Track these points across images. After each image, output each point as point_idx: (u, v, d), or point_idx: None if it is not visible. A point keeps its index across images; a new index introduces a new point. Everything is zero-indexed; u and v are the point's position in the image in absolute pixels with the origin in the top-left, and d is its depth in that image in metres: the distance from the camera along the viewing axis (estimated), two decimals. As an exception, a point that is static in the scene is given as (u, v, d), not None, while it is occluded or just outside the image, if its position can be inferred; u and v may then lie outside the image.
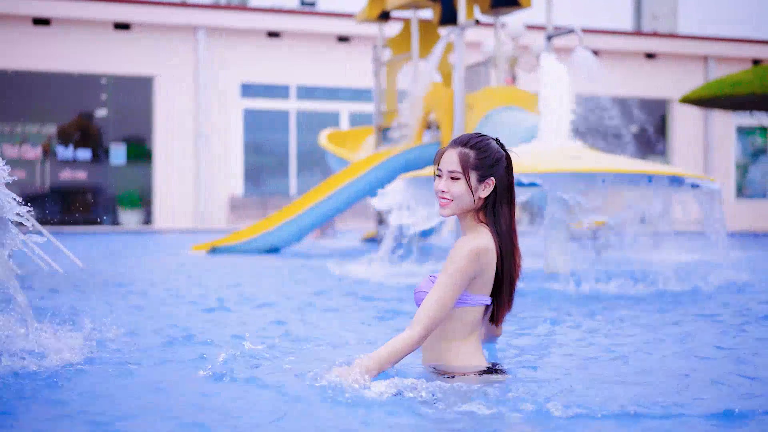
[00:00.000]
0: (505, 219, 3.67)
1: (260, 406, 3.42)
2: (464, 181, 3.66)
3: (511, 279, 3.68)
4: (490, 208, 3.68)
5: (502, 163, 3.68)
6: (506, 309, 3.73)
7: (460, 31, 13.04)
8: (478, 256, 3.57)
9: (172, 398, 3.57)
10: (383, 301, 7.20)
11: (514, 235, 3.69)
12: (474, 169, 3.66)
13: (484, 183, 3.66)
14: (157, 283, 9.00)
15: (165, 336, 5.18)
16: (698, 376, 3.96)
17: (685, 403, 3.43)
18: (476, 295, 3.64)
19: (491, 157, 3.67)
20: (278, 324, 5.82)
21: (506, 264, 3.65)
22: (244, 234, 13.99)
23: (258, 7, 24.36)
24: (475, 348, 3.69)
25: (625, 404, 3.37)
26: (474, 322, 3.67)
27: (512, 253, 3.66)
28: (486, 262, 3.60)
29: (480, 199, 3.68)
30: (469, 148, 3.69)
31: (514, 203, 3.70)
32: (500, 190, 3.67)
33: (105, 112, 23.33)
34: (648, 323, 5.86)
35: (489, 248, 3.61)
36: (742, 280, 8.73)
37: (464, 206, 3.70)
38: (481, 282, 3.62)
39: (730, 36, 27.94)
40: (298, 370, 3.92)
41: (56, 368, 3.94)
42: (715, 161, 27.03)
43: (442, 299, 3.56)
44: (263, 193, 23.98)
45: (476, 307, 3.65)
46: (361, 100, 24.43)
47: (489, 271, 3.62)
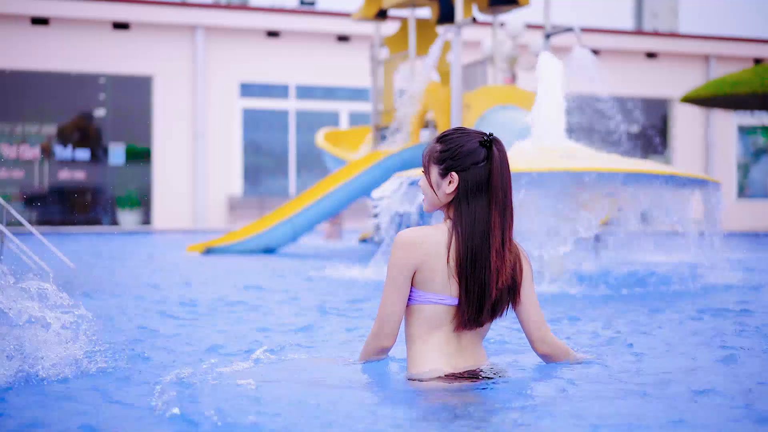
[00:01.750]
0: (474, 217, 3.44)
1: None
2: (427, 176, 3.57)
3: (481, 283, 3.44)
4: (455, 205, 3.49)
5: (473, 158, 3.46)
6: (477, 314, 3.45)
7: (457, 30, 12.97)
8: (403, 245, 3.43)
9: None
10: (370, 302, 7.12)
11: (492, 237, 3.45)
12: (436, 163, 3.52)
13: (447, 178, 3.49)
14: (145, 285, 8.92)
15: (138, 343, 5.09)
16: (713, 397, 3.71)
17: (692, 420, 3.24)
18: (426, 292, 3.46)
19: (453, 150, 3.48)
20: (265, 330, 5.74)
21: (469, 265, 3.43)
22: (239, 234, 13.90)
23: (257, 7, 24.30)
24: (442, 350, 3.48)
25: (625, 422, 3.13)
26: (432, 322, 3.47)
27: (486, 256, 3.43)
28: (423, 256, 3.42)
29: (446, 194, 3.50)
30: (437, 141, 3.57)
31: (496, 201, 3.46)
32: (469, 185, 3.46)
33: (104, 112, 23.27)
34: (646, 323, 5.76)
35: (422, 240, 3.44)
36: (740, 280, 8.64)
37: (432, 202, 3.56)
38: (426, 278, 3.44)
39: (731, 35, 27.84)
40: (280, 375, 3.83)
41: (47, 374, 3.84)
42: (716, 161, 26.94)
43: (383, 296, 3.49)
44: (262, 193, 23.91)
45: (429, 305, 3.46)
46: (361, 99, 24.35)
47: (432, 266, 3.43)
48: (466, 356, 3.53)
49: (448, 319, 3.48)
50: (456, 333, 3.50)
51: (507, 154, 3.54)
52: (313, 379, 3.67)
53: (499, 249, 3.46)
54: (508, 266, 3.49)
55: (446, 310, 3.47)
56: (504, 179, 3.49)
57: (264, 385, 3.49)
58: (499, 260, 3.46)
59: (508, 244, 3.50)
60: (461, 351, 3.52)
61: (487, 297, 3.45)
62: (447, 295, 3.46)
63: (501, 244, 3.47)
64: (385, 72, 15.72)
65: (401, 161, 13.37)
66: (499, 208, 3.47)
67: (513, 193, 3.93)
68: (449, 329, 3.49)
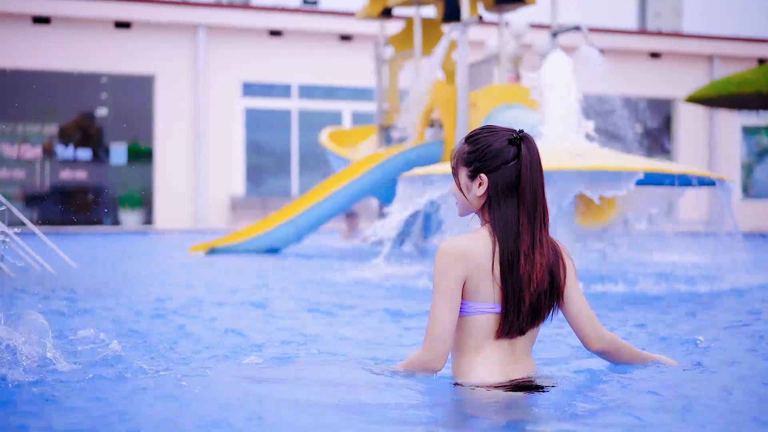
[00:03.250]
0: (506, 220, 3.31)
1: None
2: (456, 179, 3.44)
3: (516, 288, 3.30)
4: (488, 209, 3.35)
5: (501, 158, 3.32)
6: (518, 321, 3.31)
7: (463, 28, 12.86)
8: (450, 256, 3.27)
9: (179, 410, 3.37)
10: (381, 302, 7.02)
11: (521, 240, 3.31)
12: (465, 165, 3.39)
13: (476, 180, 3.37)
14: (150, 285, 8.82)
15: (156, 342, 5.00)
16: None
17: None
18: (476, 302, 3.31)
19: (481, 150, 3.34)
20: (282, 330, 5.65)
21: (507, 270, 3.29)
22: (243, 234, 13.79)
23: (259, 6, 24.19)
24: (495, 360, 3.34)
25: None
26: (485, 333, 3.32)
27: (517, 260, 3.29)
28: (471, 264, 3.28)
29: (477, 197, 3.37)
30: (465, 142, 3.43)
31: (524, 202, 3.31)
32: (499, 187, 3.32)
33: (105, 112, 23.18)
34: (668, 326, 5.66)
35: (469, 248, 3.29)
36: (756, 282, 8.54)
37: (464, 206, 3.44)
38: (475, 287, 3.30)
39: (735, 35, 27.75)
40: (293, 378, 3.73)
41: (50, 378, 3.74)
42: (720, 161, 26.83)
43: (434, 313, 3.30)
44: (264, 193, 23.80)
45: (479, 315, 3.32)
46: (364, 99, 24.24)
47: (480, 274, 3.29)
48: (518, 365, 3.39)
49: (495, 325, 3.34)
50: (509, 342, 3.35)
51: (538, 151, 3.38)
52: (356, 385, 3.52)
53: (527, 252, 3.31)
54: (539, 269, 3.32)
55: (497, 319, 3.33)
56: (534, 178, 3.34)
57: (303, 389, 3.37)
58: (528, 264, 3.31)
59: (538, 247, 3.33)
60: (515, 360, 3.38)
61: (522, 303, 3.31)
62: (498, 303, 3.32)
63: (530, 247, 3.32)
64: (390, 71, 15.62)
65: (406, 161, 13.27)
66: (527, 209, 3.33)
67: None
68: (494, 336, 3.34)
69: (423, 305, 6.89)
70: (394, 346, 4.94)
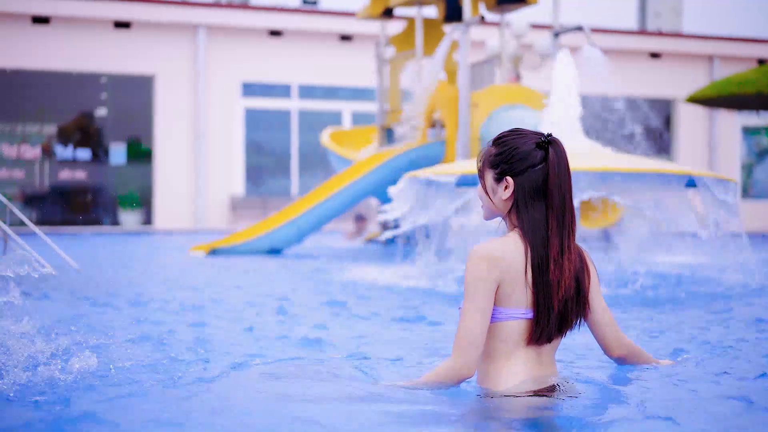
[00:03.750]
0: (535, 224, 3.26)
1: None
2: (482, 181, 3.40)
3: (546, 294, 3.25)
4: (516, 213, 3.31)
5: (528, 161, 3.27)
6: (547, 328, 3.27)
7: (465, 29, 12.84)
8: (483, 260, 3.20)
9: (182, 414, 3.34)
10: (392, 304, 6.99)
11: (550, 245, 3.26)
12: (490, 168, 3.35)
13: (502, 183, 3.32)
14: (153, 287, 8.79)
15: (161, 346, 4.96)
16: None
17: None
18: (508, 308, 3.26)
19: (508, 153, 3.30)
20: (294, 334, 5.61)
21: (538, 275, 3.24)
22: (244, 235, 13.75)
23: (259, 6, 24.15)
24: (525, 367, 3.29)
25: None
26: (515, 338, 3.27)
27: (547, 265, 3.24)
28: (504, 269, 3.22)
29: (502, 201, 3.33)
30: (492, 144, 3.39)
31: (553, 206, 3.26)
32: (526, 190, 3.28)
33: (105, 112, 23.13)
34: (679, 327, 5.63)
35: (502, 253, 3.23)
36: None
37: (490, 209, 3.39)
38: (507, 293, 3.24)
39: (735, 35, 27.72)
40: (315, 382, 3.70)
41: (55, 381, 3.71)
42: (720, 161, 26.81)
43: (466, 319, 3.22)
44: (264, 194, 23.75)
45: (511, 321, 3.26)
46: (364, 99, 24.20)
47: (513, 279, 3.23)
48: (545, 372, 3.35)
49: (525, 331, 3.29)
50: (536, 348, 3.31)
51: (566, 155, 3.33)
52: (382, 402, 3.39)
53: (557, 257, 3.26)
54: (568, 275, 3.28)
55: (528, 324, 3.29)
56: (562, 182, 3.29)
57: (330, 409, 3.28)
58: (557, 270, 3.26)
59: (566, 253, 3.29)
60: (542, 366, 3.34)
61: (551, 309, 3.27)
62: (529, 308, 3.28)
63: (559, 252, 3.27)
64: (391, 71, 15.59)
65: (408, 161, 13.25)
66: (556, 214, 3.28)
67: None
68: (525, 342, 3.30)
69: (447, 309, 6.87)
70: (417, 348, 4.90)
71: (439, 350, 4.74)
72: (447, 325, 5.91)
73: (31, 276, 5.09)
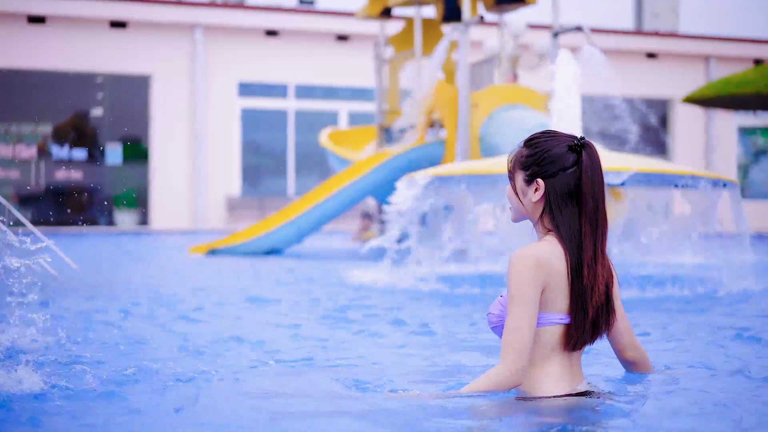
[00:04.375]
0: (569, 229, 3.21)
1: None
2: (512, 182, 3.35)
3: (582, 298, 3.20)
4: (550, 216, 3.25)
5: (560, 163, 3.22)
6: (582, 334, 3.22)
7: (464, 29, 12.81)
8: (530, 264, 3.14)
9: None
10: (391, 306, 6.96)
11: (584, 251, 3.20)
12: (521, 169, 3.30)
13: (532, 185, 3.27)
14: (159, 288, 8.74)
15: (172, 350, 4.93)
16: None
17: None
18: (548, 313, 3.21)
19: (539, 155, 3.25)
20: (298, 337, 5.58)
21: (574, 280, 3.19)
22: (244, 235, 13.71)
23: (256, 6, 24.11)
24: (561, 372, 3.23)
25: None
26: (552, 344, 3.22)
27: (582, 271, 3.19)
28: (548, 273, 3.16)
29: (532, 203, 3.28)
30: (524, 146, 3.34)
31: (586, 210, 3.21)
32: (556, 193, 3.22)
33: (101, 112, 23.06)
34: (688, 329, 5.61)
35: (547, 257, 3.17)
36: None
37: (519, 210, 3.35)
38: (549, 298, 3.19)
39: (732, 35, 27.74)
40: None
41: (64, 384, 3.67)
42: (717, 162, 26.81)
43: (515, 325, 3.15)
44: (261, 194, 23.71)
45: (550, 326, 3.21)
46: (360, 99, 24.18)
47: (558, 284, 3.19)
48: (576, 376, 3.30)
49: (563, 336, 3.25)
50: (569, 354, 3.26)
51: (599, 159, 3.28)
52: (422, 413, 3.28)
53: (590, 263, 3.22)
54: (601, 281, 3.24)
55: (563, 330, 3.24)
56: (596, 187, 3.24)
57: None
58: (591, 276, 3.21)
59: (600, 258, 3.25)
60: (573, 371, 3.29)
61: (586, 316, 3.22)
62: (567, 313, 3.24)
63: (593, 258, 3.23)
64: (390, 71, 15.56)
65: (408, 161, 13.21)
66: (590, 219, 3.23)
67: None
68: (562, 347, 3.25)
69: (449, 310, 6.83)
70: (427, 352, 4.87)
71: (441, 353, 4.72)
72: (444, 326, 5.88)
73: (34, 276, 5.06)
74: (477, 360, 4.46)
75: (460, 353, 4.73)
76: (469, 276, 9.12)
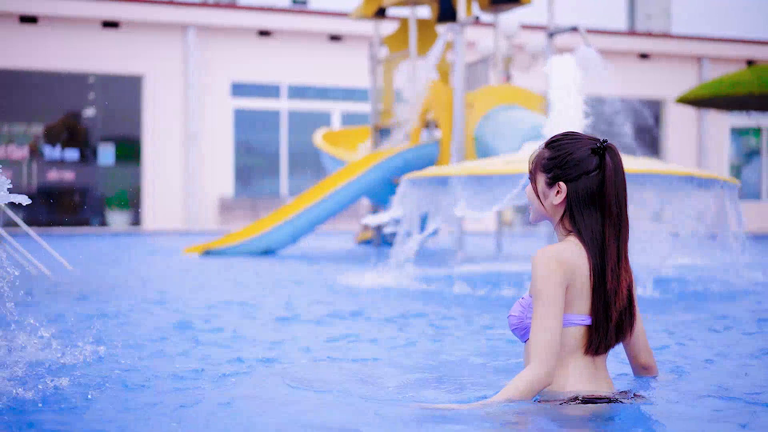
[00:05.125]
0: (592, 232, 3.18)
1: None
2: (533, 184, 3.32)
3: (606, 302, 3.18)
4: (570, 219, 3.23)
5: (583, 167, 3.18)
6: (605, 338, 3.19)
7: (459, 29, 12.78)
8: (554, 263, 3.11)
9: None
10: (394, 308, 6.93)
11: (607, 255, 3.17)
12: (543, 171, 3.26)
13: (554, 187, 3.24)
14: (155, 289, 8.69)
15: (179, 352, 4.89)
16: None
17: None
18: (570, 314, 3.17)
19: (562, 157, 3.21)
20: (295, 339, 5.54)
21: (596, 282, 3.16)
22: (239, 236, 13.66)
23: (249, 6, 24.05)
24: (583, 374, 3.19)
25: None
26: (573, 345, 3.18)
27: (605, 274, 3.16)
28: (571, 272, 3.13)
29: (553, 206, 3.25)
30: (546, 147, 3.30)
31: (609, 214, 3.18)
32: (578, 196, 3.19)
33: (93, 112, 22.99)
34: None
35: (570, 256, 3.15)
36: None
37: (539, 212, 3.31)
38: (571, 298, 3.15)
39: (724, 36, 27.79)
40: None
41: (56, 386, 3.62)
42: (710, 162, 26.85)
43: (543, 324, 3.09)
44: (254, 194, 23.67)
45: (572, 327, 3.17)
46: (353, 99, 24.16)
47: (580, 285, 3.15)
48: (600, 380, 3.25)
49: (583, 338, 3.21)
50: (592, 357, 3.22)
51: (622, 163, 3.24)
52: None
53: (614, 267, 3.19)
54: (625, 285, 3.21)
55: (585, 332, 3.20)
56: (619, 190, 3.21)
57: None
58: (614, 280, 3.19)
59: (623, 262, 3.22)
60: (597, 374, 3.24)
61: (609, 320, 3.19)
62: (588, 315, 3.20)
63: (616, 262, 3.19)
64: (385, 71, 15.52)
65: (403, 162, 13.18)
66: (613, 223, 3.20)
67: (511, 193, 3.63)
68: (582, 349, 3.21)
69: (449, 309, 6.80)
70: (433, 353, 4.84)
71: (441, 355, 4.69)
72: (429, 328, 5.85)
73: (25, 277, 5.04)
74: (476, 360, 4.43)
75: (456, 353, 4.70)
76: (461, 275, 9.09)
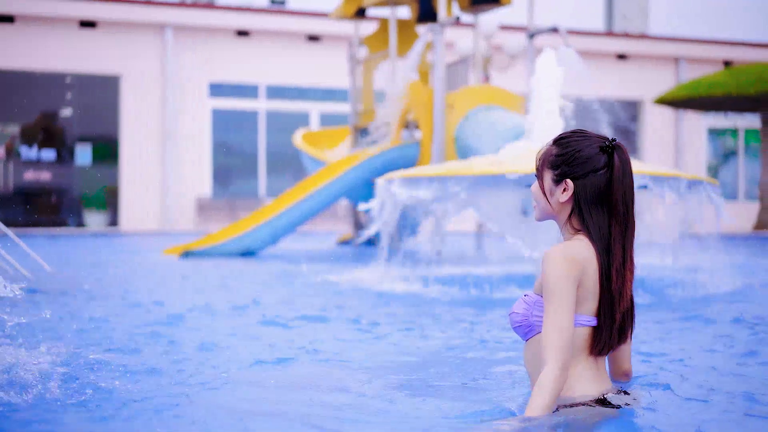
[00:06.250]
0: (599, 231, 3.15)
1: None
2: (539, 181, 3.28)
3: (611, 303, 3.15)
4: (578, 217, 3.19)
5: (591, 165, 3.16)
6: (609, 339, 3.16)
7: (439, 29, 12.79)
8: (566, 261, 3.06)
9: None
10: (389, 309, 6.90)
11: (613, 255, 3.14)
12: (550, 168, 3.23)
13: (561, 185, 3.21)
14: (138, 290, 8.64)
15: (155, 352, 4.85)
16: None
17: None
18: (578, 314, 3.14)
19: (570, 155, 3.18)
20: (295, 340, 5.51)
21: (603, 283, 3.13)
22: (218, 237, 13.59)
23: (226, 6, 23.99)
24: (589, 375, 3.17)
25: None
26: (579, 345, 3.15)
27: (610, 275, 3.13)
28: (583, 271, 3.10)
29: (559, 203, 3.22)
30: (554, 144, 3.27)
31: (616, 214, 3.15)
32: (586, 194, 3.16)
33: (70, 112, 22.86)
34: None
35: (582, 255, 3.11)
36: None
37: (544, 210, 3.28)
38: (581, 297, 3.12)
39: (701, 37, 27.93)
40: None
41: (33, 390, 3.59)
42: (687, 163, 26.99)
43: (556, 322, 3.04)
44: (232, 195, 23.59)
45: (578, 327, 3.14)
46: (332, 99, 24.13)
47: (590, 284, 3.12)
48: (604, 381, 3.23)
49: (590, 339, 3.18)
50: (595, 357, 3.19)
51: (630, 162, 3.22)
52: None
53: (619, 268, 3.16)
54: (629, 286, 3.18)
55: (590, 333, 3.18)
56: (626, 190, 3.18)
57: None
58: (619, 281, 3.16)
59: (629, 263, 3.19)
60: (600, 374, 3.22)
61: (614, 321, 3.17)
62: (593, 316, 3.17)
63: (622, 262, 3.17)
64: (365, 72, 15.50)
65: (383, 162, 13.17)
66: (619, 222, 3.16)
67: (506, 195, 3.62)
68: (588, 349, 3.18)
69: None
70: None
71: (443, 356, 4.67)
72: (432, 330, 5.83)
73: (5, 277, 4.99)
74: (456, 360, 4.42)
75: (450, 353, 4.69)
76: (449, 277, 9.08)
